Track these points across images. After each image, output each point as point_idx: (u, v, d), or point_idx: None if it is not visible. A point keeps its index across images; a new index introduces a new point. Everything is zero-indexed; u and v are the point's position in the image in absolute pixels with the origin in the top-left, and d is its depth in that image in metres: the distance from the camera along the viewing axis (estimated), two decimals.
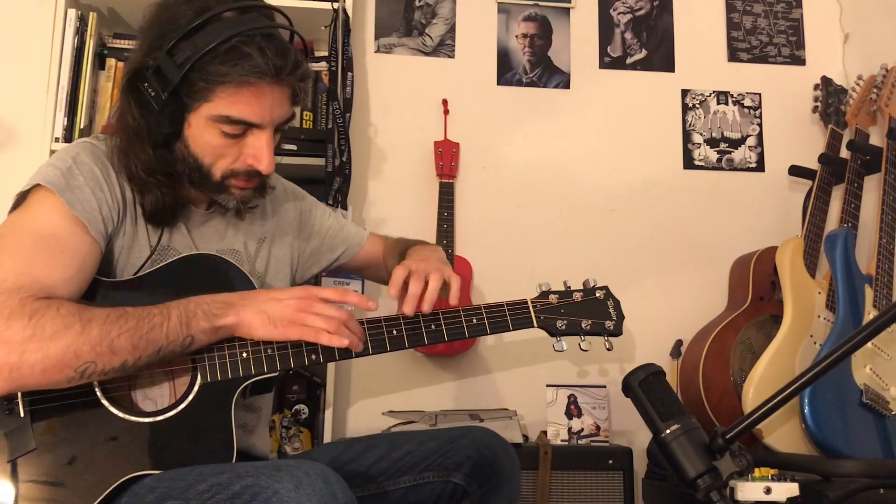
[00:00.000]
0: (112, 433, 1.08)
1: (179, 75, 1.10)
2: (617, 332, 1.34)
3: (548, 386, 2.17)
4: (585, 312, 1.33)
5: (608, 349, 1.35)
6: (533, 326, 1.31)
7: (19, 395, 1.06)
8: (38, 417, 1.06)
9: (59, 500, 1.04)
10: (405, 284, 1.25)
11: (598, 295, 1.35)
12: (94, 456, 1.06)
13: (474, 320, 1.28)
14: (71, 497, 1.04)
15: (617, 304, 1.36)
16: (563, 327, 1.32)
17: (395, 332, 1.23)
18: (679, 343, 2.25)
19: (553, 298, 1.33)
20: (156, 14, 1.17)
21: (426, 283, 1.24)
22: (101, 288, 1.15)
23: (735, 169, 2.47)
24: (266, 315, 1.12)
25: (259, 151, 1.18)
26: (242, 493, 0.93)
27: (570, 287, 1.36)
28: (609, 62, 2.49)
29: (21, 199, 1.16)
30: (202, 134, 1.16)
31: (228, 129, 1.15)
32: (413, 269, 1.26)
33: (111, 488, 1.05)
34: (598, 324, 1.33)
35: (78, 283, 1.10)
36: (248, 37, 1.11)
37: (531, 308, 1.31)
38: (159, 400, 1.15)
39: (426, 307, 1.24)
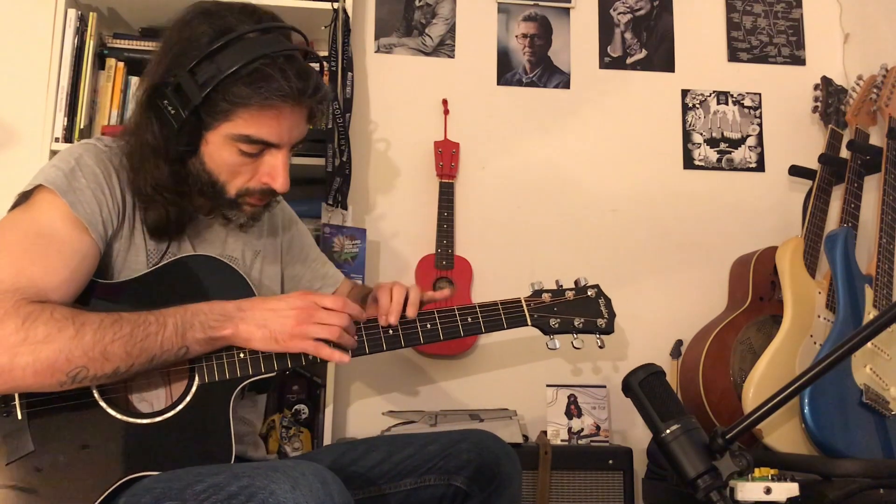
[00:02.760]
0: (110, 435, 1.08)
1: (201, 95, 1.10)
2: (608, 329, 1.37)
3: (548, 386, 2.17)
4: (578, 310, 1.36)
5: (600, 347, 1.38)
6: (527, 325, 1.34)
7: (17, 397, 1.06)
8: (36, 420, 1.06)
9: (58, 501, 1.04)
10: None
11: (589, 293, 1.38)
12: (92, 458, 1.06)
13: (469, 319, 1.30)
14: (69, 499, 1.04)
15: (608, 301, 1.38)
16: (557, 325, 1.34)
17: (391, 331, 1.25)
18: (679, 343, 2.24)
19: (546, 297, 1.36)
20: (175, 32, 1.17)
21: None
22: (99, 289, 1.15)
23: (735, 169, 2.47)
24: (267, 329, 1.13)
25: (275, 170, 1.20)
26: (239, 493, 0.93)
27: (562, 286, 1.38)
28: (609, 62, 2.49)
29: (23, 198, 1.15)
30: (220, 152, 1.16)
31: (247, 148, 1.16)
32: (381, 286, 1.31)
33: (109, 490, 1.05)
34: (590, 321, 1.36)
35: (75, 286, 1.10)
36: (271, 59, 1.12)
37: (525, 307, 1.33)
38: (157, 401, 1.15)
39: (393, 318, 1.26)
